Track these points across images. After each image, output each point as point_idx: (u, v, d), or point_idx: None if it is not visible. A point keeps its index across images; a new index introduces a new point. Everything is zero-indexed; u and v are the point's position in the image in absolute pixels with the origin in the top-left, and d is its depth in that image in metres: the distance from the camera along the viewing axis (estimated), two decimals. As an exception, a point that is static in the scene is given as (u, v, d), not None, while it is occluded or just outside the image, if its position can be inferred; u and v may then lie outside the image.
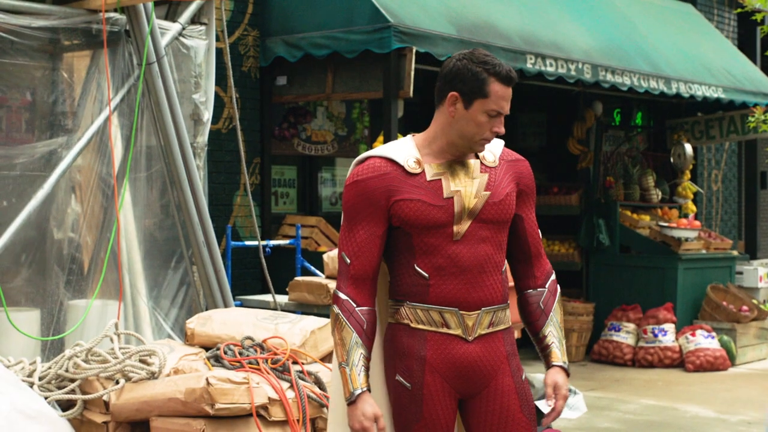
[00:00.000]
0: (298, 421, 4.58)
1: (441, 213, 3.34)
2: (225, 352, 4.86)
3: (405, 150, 3.42)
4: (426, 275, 3.36)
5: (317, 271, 7.98)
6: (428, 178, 3.37)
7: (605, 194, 11.83)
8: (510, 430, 3.42)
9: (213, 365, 4.83)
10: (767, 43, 14.23)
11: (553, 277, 3.60)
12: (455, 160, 3.41)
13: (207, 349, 5.13)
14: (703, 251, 11.37)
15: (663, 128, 12.78)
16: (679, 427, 7.70)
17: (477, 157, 3.44)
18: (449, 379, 3.38)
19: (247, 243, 8.20)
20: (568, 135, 11.86)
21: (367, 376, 3.32)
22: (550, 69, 9.03)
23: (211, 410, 4.44)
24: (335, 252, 6.86)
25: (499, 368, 3.42)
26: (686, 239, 11.16)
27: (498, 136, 3.41)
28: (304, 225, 8.95)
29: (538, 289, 3.56)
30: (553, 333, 3.54)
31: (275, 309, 6.99)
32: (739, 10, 7.76)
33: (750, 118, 6.73)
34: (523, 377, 3.49)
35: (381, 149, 3.45)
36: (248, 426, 4.51)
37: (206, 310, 6.28)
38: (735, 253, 11.84)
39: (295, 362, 4.85)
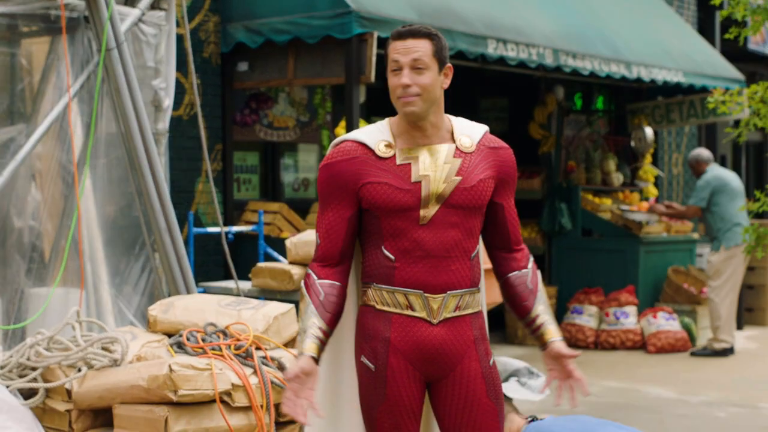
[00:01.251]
0: (261, 406, 4.58)
1: (408, 197, 3.35)
2: (188, 339, 4.85)
3: (378, 133, 3.44)
4: (392, 258, 3.38)
5: (280, 257, 7.97)
6: (398, 161, 3.39)
7: (567, 178, 11.88)
8: (475, 414, 3.43)
9: (176, 352, 4.82)
10: (726, 27, 14.32)
11: (532, 259, 3.63)
12: (427, 142, 3.41)
13: (170, 336, 5.11)
14: (664, 234, 11.46)
15: (624, 112, 12.86)
16: (641, 408, 7.77)
17: (453, 141, 3.44)
18: (413, 362, 3.39)
19: (210, 230, 8.18)
20: (529, 119, 11.90)
21: (317, 345, 3.34)
22: (511, 54, 9.06)
23: (174, 397, 4.43)
24: (298, 237, 6.86)
25: (465, 352, 3.43)
26: (647, 222, 11.24)
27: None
28: (267, 211, 8.93)
29: (522, 271, 3.58)
30: (544, 311, 3.56)
31: (238, 295, 6.98)
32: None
33: (709, 99, 6.78)
34: (491, 362, 3.50)
35: (356, 133, 3.47)
36: (211, 412, 4.50)
37: (169, 296, 6.26)
38: (695, 235, 11.94)
39: (258, 348, 4.85)
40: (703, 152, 10.62)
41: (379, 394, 3.38)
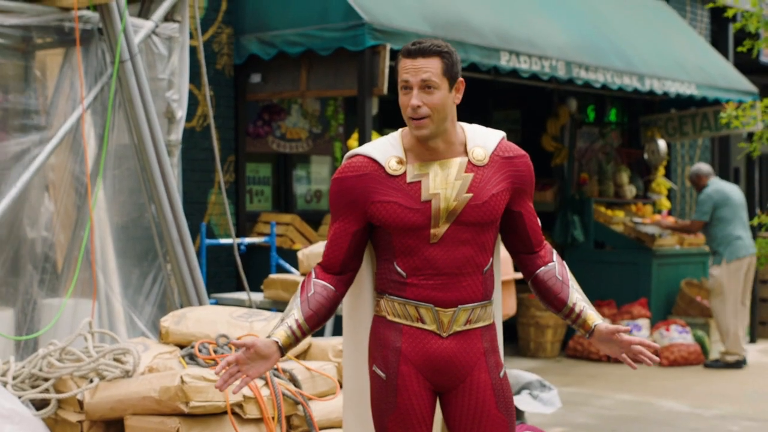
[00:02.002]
0: (273, 418, 4.58)
1: (417, 216, 3.34)
2: (200, 350, 4.86)
3: (390, 148, 3.42)
4: (404, 274, 3.38)
5: (292, 269, 7.97)
6: (408, 179, 3.36)
7: (579, 190, 11.87)
8: (485, 426, 3.41)
9: (187, 363, 4.82)
10: (739, 39, 14.30)
11: (556, 252, 3.59)
12: (439, 157, 3.38)
13: (181, 347, 5.12)
14: (677, 247, 11.43)
15: (637, 125, 12.84)
16: (654, 421, 7.74)
17: (465, 153, 3.42)
18: (423, 372, 3.39)
19: (222, 241, 8.19)
20: (542, 132, 11.89)
21: (289, 335, 3.32)
22: (524, 66, 9.06)
23: (185, 408, 4.43)
24: (310, 249, 6.86)
25: (475, 364, 3.42)
26: (660, 235, 11.21)
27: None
28: (279, 222, 8.94)
29: (549, 265, 3.54)
30: (580, 299, 3.50)
31: (250, 307, 6.98)
32: (710, 5, 7.81)
33: (722, 114, 6.77)
34: (502, 374, 3.48)
35: (368, 147, 3.45)
36: (223, 424, 4.50)
37: (181, 308, 6.26)
38: (708, 248, 11.91)
39: (270, 360, 4.85)
40: (703, 167, 10.60)
41: (390, 403, 3.38)
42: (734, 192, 10.42)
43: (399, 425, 3.37)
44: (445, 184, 3.35)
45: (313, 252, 6.77)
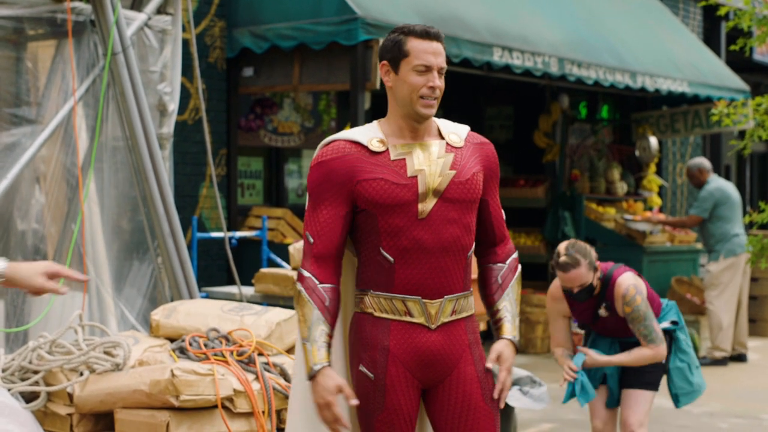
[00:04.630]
0: (263, 413, 4.58)
1: (405, 192, 3.35)
2: (190, 344, 4.85)
3: (369, 132, 3.44)
4: (391, 259, 3.37)
5: (283, 263, 7.97)
6: (392, 157, 3.39)
7: (571, 187, 11.87)
8: (472, 418, 3.43)
9: (178, 357, 4.82)
10: (732, 37, 14.33)
11: (515, 256, 3.63)
12: (419, 139, 3.42)
13: (172, 340, 5.11)
14: (668, 244, 11.45)
15: (628, 121, 12.85)
16: (642, 418, 7.74)
17: (442, 137, 3.46)
18: (412, 370, 3.39)
19: (213, 234, 8.18)
20: (534, 128, 11.90)
21: (329, 352, 3.32)
22: (517, 62, 9.06)
23: (176, 402, 4.43)
24: (301, 244, 6.85)
25: (461, 357, 3.44)
26: (651, 232, 11.23)
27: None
28: (271, 217, 8.94)
29: (498, 264, 3.59)
30: (506, 308, 3.56)
31: (241, 301, 6.98)
32: (703, 3, 7.81)
33: (713, 111, 6.78)
34: (486, 366, 3.51)
35: (345, 133, 3.47)
36: (213, 418, 4.50)
37: (171, 301, 6.25)
38: (699, 246, 11.92)
39: (260, 354, 4.85)
40: (705, 162, 10.62)
41: (378, 403, 3.38)
42: (733, 191, 10.46)
43: (386, 425, 3.38)
44: (429, 161, 3.40)
45: (304, 246, 6.76)
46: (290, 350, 5.14)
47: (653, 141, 12.42)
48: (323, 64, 8.35)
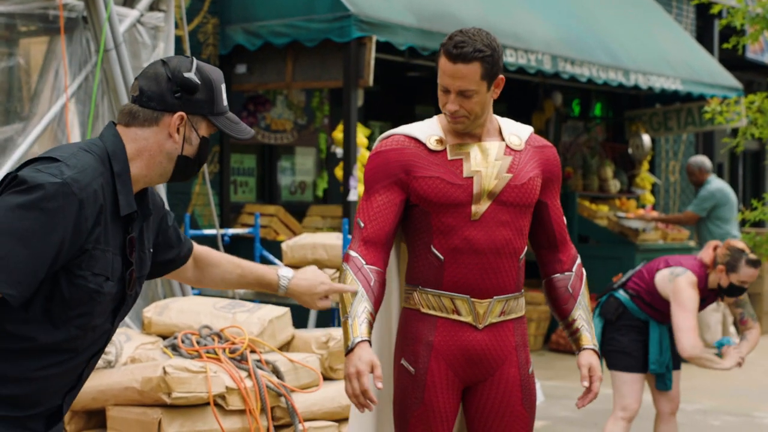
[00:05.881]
0: (257, 410, 4.57)
1: (459, 192, 3.32)
2: (183, 341, 4.85)
3: (429, 129, 3.41)
4: (441, 257, 3.33)
5: (276, 260, 7.96)
6: (449, 157, 3.36)
7: (564, 184, 11.88)
8: (507, 421, 3.41)
9: (171, 354, 4.81)
10: (725, 35, 14.36)
11: (579, 261, 3.60)
12: (478, 139, 3.38)
13: (164, 337, 5.10)
14: (660, 242, 11.46)
15: (621, 119, 12.86)
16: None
17: (503, 139, 3.43)
18: (454, 368, 3.36)
19: (206, 232, 8.16)
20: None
21: (370, 329, 3.21)
22: (510, 59, 9.06)
23: (168, 399, 4.42)
24: (294, 241, 6.85)
25: (506, 358, 3.41)
26: (643, 230, 11.24)
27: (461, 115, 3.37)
28: (263, 214, 8.93)
29: (565, 273, 3.56)
30: (582, 316, 3.54)
31: (233, 298, 6.97)
32: (696, 1, 7.81)
33: (706, 109, 6.78)
34: (530, 370, 3.48)
35: (405, 127, 3.45)
36: (205, 415, 4.50)
37: (164, 298, 6.25)
38: (692, 243, 11.94)
39: (253, 351, 4.85)
40: (707, 161, 10.62)
41: (416, 398, 3.35)
42: (731, 192, 10.48)
43: (422, 421, 3.34)
44: (486, 163, 3.35)
45: (297, 243, 6.75)
46: (282, 347, 5.14)
47: (646, 139, 12.44)
48: (316, 61, 8.34)
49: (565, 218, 3.60)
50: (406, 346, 3.39)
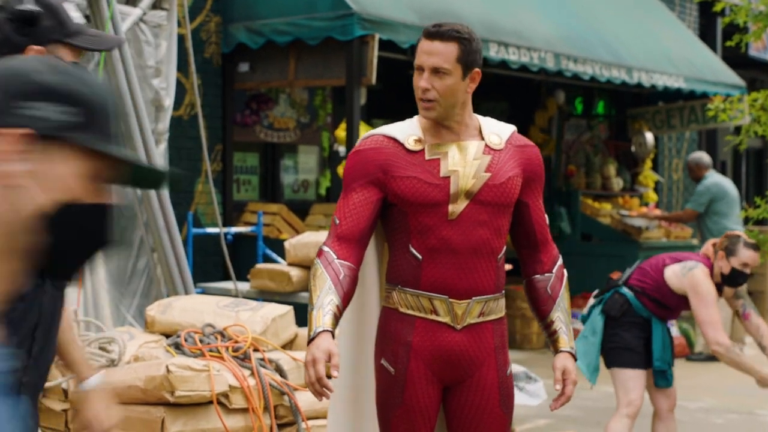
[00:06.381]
0: (260, 408, 4.57)
1: (436, 192, 3.31)
2: (186, 340, 4.85)
3: (408, 129, 3.41)
4: (419, 257, 3.33)
5: (279, 259, 7.96)
6: (427, 156, 3.35)
7: (567, 183, 11.88)
8: (485, 422, 3.41)
9: (174, 353, 4.81)
10: (728, 33, 14.34)
11: (560, 262, 3.59)
12: (457, 139, 3.38)
13: (167, 336, 5.10)
14: (663, 239, 11.45)
15: (624, 117, 12.85)
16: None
17: (482, 138, 3.42)
18: (433, 367, 3.36)
19: (209, 230, 8.17)
20: (530, 123, 11.89)
21: (335, 321, 3.17)
22: (512, 57, 9.05)
23: (171, 398, 4.42)
24: (297, 239, 6.85)
25: (484, 360, 3.41)
26: (646, 228, 11.23)
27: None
28: (266, 212, 8.93)
29: (545, 275, 3.54)
30: (560, 318, 3.52)
31: (236, 296, 6.97)
32: (699, -1, 7.79)
33: (709, 107, 6.78)
34: (509, 372, 3.49)
35: (384, 128, 3.45)
36: (208, 414, 4.49)
37: (167, 297, 6.25)
38: (695, 241, 11.93)
39: (256, 350, 4.84)
40: (705, 156, 10.62)
41: (396, 398, 3.36)
42: (731, 187, 10.47)
43: (403, 421, 3.35)
44: (464, 163, 3.35)
45: (300, 242, 6.75)
46: (286, 346, 5.14)
47: (649, 137, 12.43)
48: (319, 59, 8.34)
49: (547, 218, 3.59)
50: (385, 345, 3.40)
